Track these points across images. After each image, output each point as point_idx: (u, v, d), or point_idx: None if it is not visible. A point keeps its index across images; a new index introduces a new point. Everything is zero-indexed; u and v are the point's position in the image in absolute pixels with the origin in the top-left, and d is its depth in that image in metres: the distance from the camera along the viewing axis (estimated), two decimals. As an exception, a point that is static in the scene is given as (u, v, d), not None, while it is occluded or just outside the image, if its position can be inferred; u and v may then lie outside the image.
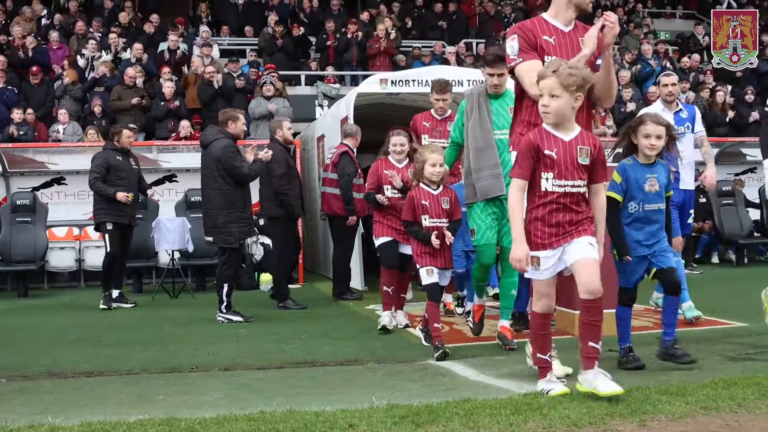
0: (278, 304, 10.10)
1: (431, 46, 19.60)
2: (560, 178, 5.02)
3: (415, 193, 7.04)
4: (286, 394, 5.34)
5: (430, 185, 6.98)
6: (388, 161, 8.20)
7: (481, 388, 5.33)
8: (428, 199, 6.97)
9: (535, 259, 5.04)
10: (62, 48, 17.23)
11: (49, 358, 7.02)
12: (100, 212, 10.69)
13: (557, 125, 5.08)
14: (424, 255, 6.93)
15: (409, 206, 7.05)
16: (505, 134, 6.81)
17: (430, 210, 6.93)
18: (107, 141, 11.23)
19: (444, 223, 6.95)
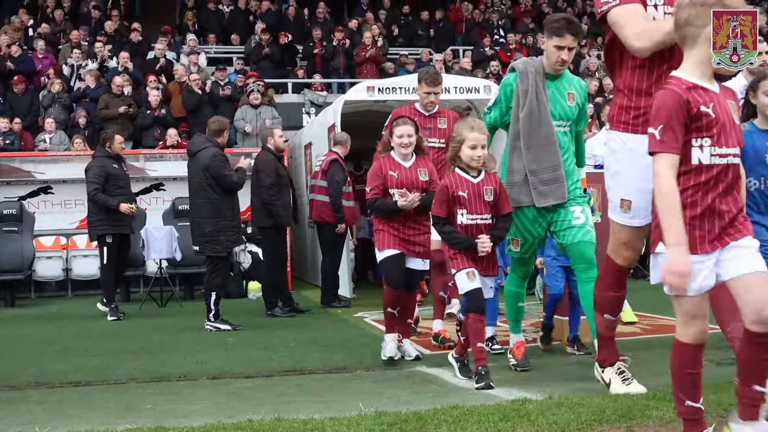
0: (266, 312, 10.09)
1: (418, 54, 19.65)
2: (721, 145, 3.70)
3: (449, 181, 5.84)
4: (274, 402, 5.33)
5: (468, 171, 5.86)
6: (391, 159, 6.73)
7: (469, 395, 5.33)
8: (466, 189, 5.81)
9: None
10: (48, 57, 17.19)
11: (36, 368, 6.99)
12: (99, 223, 10.51)
13: (703, 75, 3.79)
14: (460, 255, 5.83)
15: (441, 198, 5.87)
16: (562, 126, 6.02)
17: (468, 203, 5.79)
18: (98, 147, 11.11)
19: (486, 220, 5.84)
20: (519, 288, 6.40)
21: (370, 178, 6.76)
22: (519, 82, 6.02)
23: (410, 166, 6.68)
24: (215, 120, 9.79)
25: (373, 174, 6.76)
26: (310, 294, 12.30)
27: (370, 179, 6.74)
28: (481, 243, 5.73)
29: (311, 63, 19.18)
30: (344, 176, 10.71)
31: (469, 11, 22.20)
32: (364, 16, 20.98)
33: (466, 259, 5.79)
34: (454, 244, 5.80)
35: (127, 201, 10.48)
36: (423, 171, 6.68)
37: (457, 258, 5.82)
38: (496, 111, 6.27)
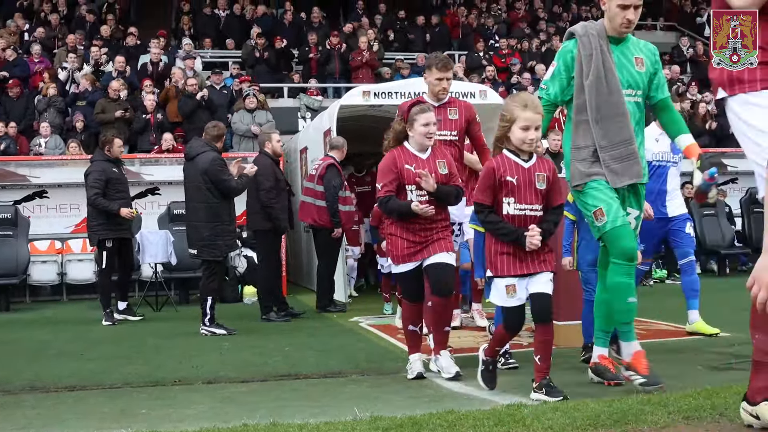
0: (261, 317, 10.09)
1: (414, 59, 19.67)
2: None
3: (496, 164, 5.22)
4: (269, 407, 5.33)
5: (519, 154, 5.25)
6: (406, 150, 6.08)
7: (464, 400, 5.33)
8: (516, 174, 5.19)
9: None
10: (43, 61, 17.18)
11: (31, 373, 6.97)
12: (99, 228, 10.44)
13: None
14: (502, 259, 5.24)
15: (486, 182, 5.24)
16: (632, 96, 5.34)
17: (517, 191, 5.19)
18: (97, 151, 11.07)
19: (536, 211, 5.25)
20: (627, 277, 5.31)
21: (381, 173, 6.07)
22: (580, 47, 5.32)
23: (427, 157, 6.07)
24: (215, 125, 9.74)
25: (386, 169, 6.05)
26: (305, 298, 12.29)
27: (382, 174, 6.06)
28: (530, 236, 5.11)
29: (307, 67, 19.21)
30: (341, 181, 10.72)
31: (464, 16, 22.24)
32: (360, 20, 21.01)
33: (510, 264, 5.21)
34: (500, 235, 5.16)
35: (126, 205, 10.46)
36: (442, 163, 6.11)
37: (498, 263, 5.23)
38: (555, 85, 5.46)
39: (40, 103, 15.84)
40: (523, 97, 5.31)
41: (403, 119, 6.14)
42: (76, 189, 13.74)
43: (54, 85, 15.90)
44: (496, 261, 5.26)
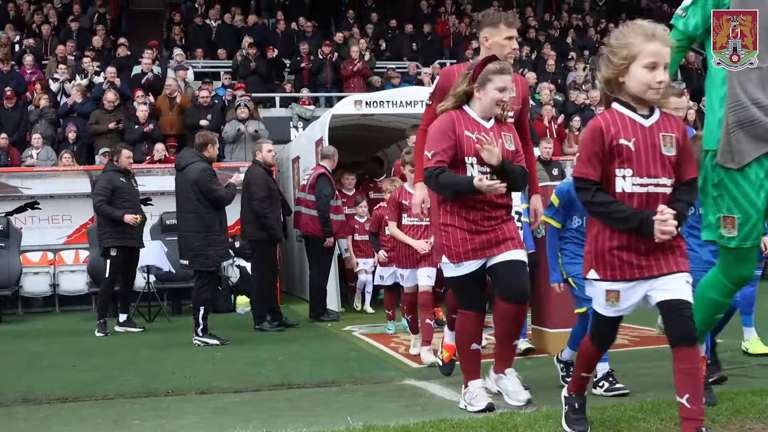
0: (254, 326, 10.08)
1: (405, 68, 19.71)
2: None
3: (604, 121, 3.94)
4: (262, 417, 5.32)
5: (636, 107, 3.95)
6: (466, 115, 5.00)
7: (457, 409, 5.32)
8: (632, 136, 3.90)
9: None
10: (35, 72, 17.17)
11: (23, 384, 6.95)
12: (105, 236, 10.51)
13: None
14: (613, 253, 3.98)
15: (592, 149, 3.94)
16: None
17: (635, 159, 3.90)
18: (107, 162, 11.14)
19: (664, 187, 3.93)
20: (724, 297, 4.47)
21: (433, 139, 4.89)
22: None
23: (491, 127, 4.97)
24: (199, 134, 9.87)
25: (440, 133, 4.88)
26: (298, 308, 12.28)
27: (434, 140, 4.87)
28: (661, 220, 3.76)
29: (298, 77, 19.22)
30: (332, 190, 10.74)
31: (455, 25, 22.29)
32: (351, 29, 21.04)
33: (624, 264, 3.98)
34: (615, 220, 3.88)
35: (132, 213, 10.42)
36: (508, 137, 5.04)
37: (608, 261, 4.00)
38: (696, 13, 4.21)
39: (32, 114, 15.83)
40: (645, 25, 3.91)
41: (472, 78, 4.93)
42: (68, 200, 13.80)
43: (46, 97, 15.90)
44: (602, 259, 4.01)
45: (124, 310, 10.82)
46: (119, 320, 10.71)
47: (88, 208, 13.73)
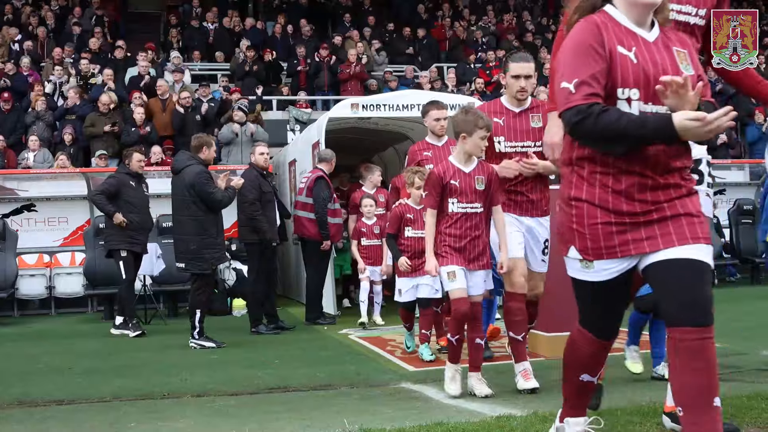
0: (251, 329, 10.07)
1: (402, 71, 19.72)
2: None
3: None
4: (259, 420, 5.32)
5: None
6: (613, 21, 3.35)
7: (453, 412, 5.33)
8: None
9: None
10: (33, 74, 17.16)
11: (19, 388, 6.94)
12: (113, 239, 10.52)
13: None
14: None
15: None
16: None
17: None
18: (120, 164, 11.12)
19: None
20: None
21: (571, 59, 3.41)
22: None
23: (655, 40, 3.46)
24: (195, 137, 9.87)
25: (584, 50, 3.38)
26: (294, 311, 12.28)
27: (575, 61, 3.38)
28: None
29: (296, 80, 19.22)
30: (329, 193, 10.74)
31: (450, 28, 22.28)
32: (348, 32, 21.00)
33: None
34: None
35: (138, 218, 10.43)
36: (683, 54, 3.45)
37: None
38: None
39: (29, 116, 15.82)
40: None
41: None
42: (65, 202, 13.79)
43: (43, 99, 15.89)
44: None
45: (121, 312, 10.81)
46: (115, 323, 10.68)
47: (85, 210, 13.77)
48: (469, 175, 5.85)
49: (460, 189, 5.81)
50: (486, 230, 5.93)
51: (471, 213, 5.84)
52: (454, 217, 5.83)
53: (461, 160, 5.88)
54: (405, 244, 7.62)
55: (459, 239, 5.82)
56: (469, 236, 5.83)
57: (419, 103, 11.45)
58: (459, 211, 5.83)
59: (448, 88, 18.49)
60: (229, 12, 21.37)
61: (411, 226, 7.64)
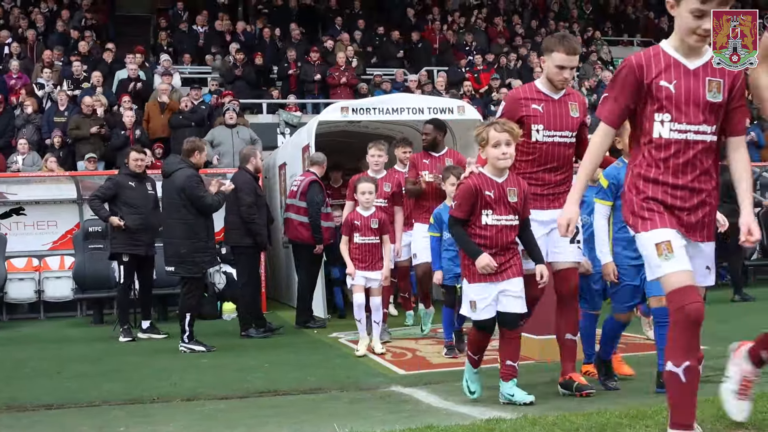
0: (241, 333, 10.06)
1: (392, 74, 19.74)
2: None
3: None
4: (248, 424, 5.32)
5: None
6: None
7: (443, 415, 5.33)
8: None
9: None
10: (22, 77, 17.12)
11: (7, 392, 6.91)
12: (115, 242, 10.47)
13: None
14: None
15: None
16: None
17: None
18: (122, 165, 11.13)
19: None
20: None
21: None
22: None
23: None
24: (186, 140, 9.85)
25: None
26: (284, 314, 12.26)
27: None
28: None
29: (286, 83, 19.21)
30: (323, 197, 10.72)
31: (439, 31, 22.31)
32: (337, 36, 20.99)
33: None
34: None
35: (140, 220, 10.32)
36: None
37: None
38: None
39: (18, 119, 15.78)
40: None
41: None
42: (54, 206, 13.75)
43: (32, 102, 15.85)
44: None
45: (146, 316, 10.71)
46: (142, 327, 10.60)
47: (74, 213, 13.74)
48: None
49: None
50: None
51: None
52: None
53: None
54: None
55: None
56: None
57: (409, 106, 11.48)
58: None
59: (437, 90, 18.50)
60: (220, 15, 21.33)
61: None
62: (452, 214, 5.65)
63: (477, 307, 5.59)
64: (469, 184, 5.55)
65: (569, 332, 5.99)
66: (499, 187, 5.54)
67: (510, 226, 5.57)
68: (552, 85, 5.89)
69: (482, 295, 5.57)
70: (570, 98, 5.96)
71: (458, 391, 6.09)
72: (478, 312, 5.60)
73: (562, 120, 5.86)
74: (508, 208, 5.55)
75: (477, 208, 5.53)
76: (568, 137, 5.89)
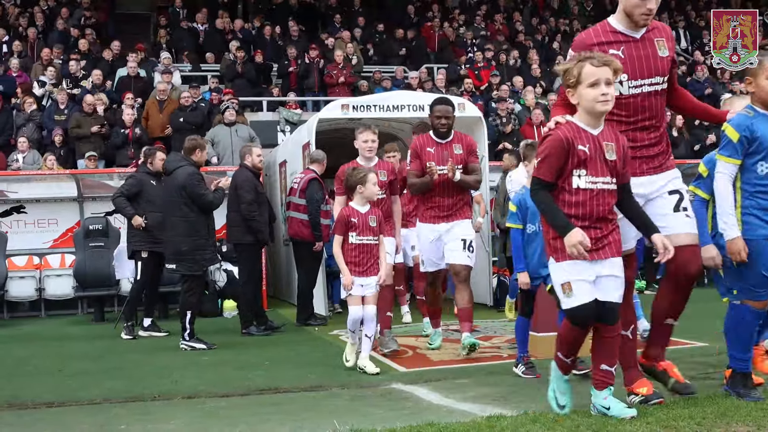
0: (242, 331, 10.06)
1: (392, 71, 19.72)
2: None
3: None
4: (249, 422, 5.32)
5: None
6: None
7: (444, 412, 5.33)
8: None
9: None
10: (22, 75, 17.10)
11: (9, 389, 6.92)
12: (134, 239, 10.50)
13: None
14: None
15: None
16: None
17: None
18: (141, 164, 11.16)
19: None
20: None
21: None
22: None
23: None
24: (188, 138, 9.84)
25: None
26: (285, 312, 12.26)
27: None
28: None
29: (286, 81, 19.20)
30: (323, 195, 10.73)
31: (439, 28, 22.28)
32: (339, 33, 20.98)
33: None
34: None
35: (160, 218, 10.13)
36: None
37: None
38: None
39: (19, 117, 15.77)
40: None
41: None
42: (54, 204, 13.75)
43: (33, 100, 15.85)
44: None
45: (148, 314, 10.72)
46: (144, 325, 10.60)
47: (75, 212, 13.74)
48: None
49: None
50: None
51: None
52: None
53: None
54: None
55: None
56: None
57: (409, 103, 11.48)
58: None
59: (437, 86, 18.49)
60: (220, 12, 21.31)
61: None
62: (536, 175, 4.62)
63: (573, 289, 4.56)
64: (559, 135, 4.56)
65: (671, 317, 5.15)
66: (594, 140, 4.59)
67: (607, 191, 4.61)
68: (631, 21, 4.88)
69: (578, 275, 4.57)
70: (655, 33, 5.00)
71: (459, 389, 6.10)
72: (574, 296, 4.56)
73: (649, 63, 4.90)
74: (606, 168, 4.60)
75: (567, 168, 4.57)
76: (660, 83, 4.96)
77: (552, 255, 4.67)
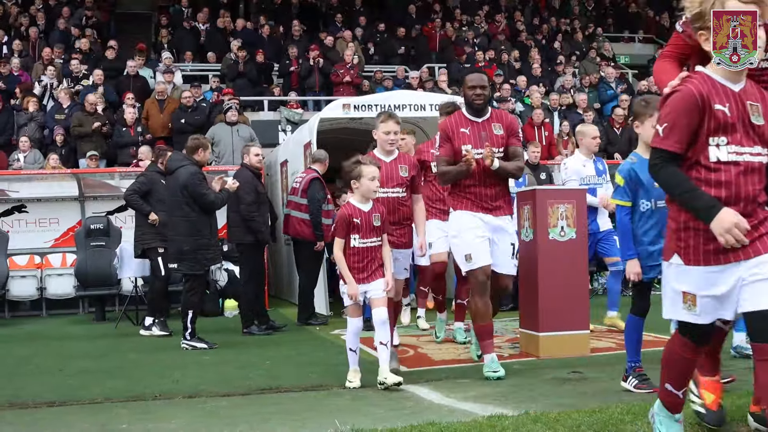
0: (243, 330, 10.06)
1: (394, 71, 19.73)
2: None
3: None
4: (250, 421, 5.32)
5: None
6: None
7: (445, 412, 5.33)
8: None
9: None
10: (22, 75, 17.11)
11: (10, 389, 6.92)
12: (146, 237, 10.54)
13: None
14: None
15: None
16: None
17: None
18: (151, 163, 11.20)
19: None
20: None
21: None
22: None
23: None
24: (191, 137, 9.83)
25: None
26: (286, 311, 12.26)
27: None
28: None
29: (287, 80, 19.20)
30: (324, 194, 10.73)
31: (440, 28, 22.29)
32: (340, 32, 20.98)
33: None
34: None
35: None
36: None
37: None
38: None
39: (21, 117, 15.77)
40: None
41: None
42: (56, 203, 13.76)
43: (35, 100, 15.85)
44: None
45: (150, 313, 10.73)
46: (144, 324, 10.62)
47: (76, 211, 13.75)
48: None
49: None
50: None
51: None
52: None
53: None
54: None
55: None
56: None
57: (411, 103, 11.47)
58: None
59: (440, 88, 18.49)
60: (221, 12, 21.32)
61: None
62: (659, 145, 3.57)
63: (698, 304, 3.59)
64: (691, 90, 3.57)
65: None
66: (736, 98, 3.60)
67: (757, 165, 3.59)
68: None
69: (709, 289, 3.55)
70: None
71: (460, 388, 6.10)
72: (697, 313, 3.60)
73: None
74: (753, 134, 3.58)
75: (702, 134, 3.55)
76: None
77: (678, 252, 3.63)
